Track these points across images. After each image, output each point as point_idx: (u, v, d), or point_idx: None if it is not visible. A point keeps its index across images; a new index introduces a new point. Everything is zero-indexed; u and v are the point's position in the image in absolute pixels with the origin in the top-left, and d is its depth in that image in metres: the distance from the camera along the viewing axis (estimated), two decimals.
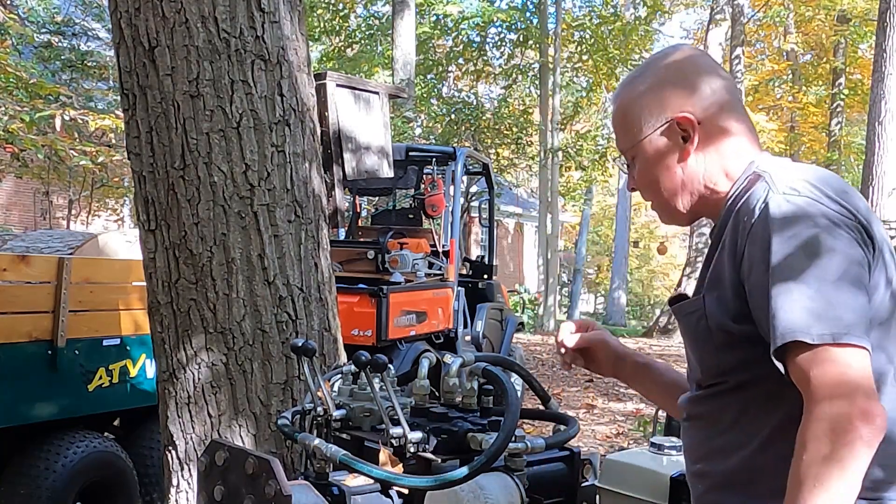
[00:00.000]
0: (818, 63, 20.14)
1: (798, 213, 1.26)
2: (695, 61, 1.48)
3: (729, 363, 1.37)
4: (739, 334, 1.33)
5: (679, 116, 1.43)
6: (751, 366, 1.33)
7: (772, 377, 1.28)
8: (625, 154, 1.52)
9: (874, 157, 8.56)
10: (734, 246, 1.33)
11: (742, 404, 1.37)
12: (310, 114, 2.89)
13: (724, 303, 1.34)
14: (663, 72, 1.47)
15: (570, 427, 1.67)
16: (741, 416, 1.37)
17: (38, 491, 3.77)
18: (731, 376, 1.37)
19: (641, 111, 1.46)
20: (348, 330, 5.02)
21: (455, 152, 7.03)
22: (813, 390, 1.20)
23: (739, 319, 1.32)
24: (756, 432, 1.35)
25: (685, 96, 1.44)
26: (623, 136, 1.51)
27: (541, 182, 19.78)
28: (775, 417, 1.33)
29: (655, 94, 1.45)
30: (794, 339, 1.21)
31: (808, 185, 1.30)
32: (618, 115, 1.52)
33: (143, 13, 2.66)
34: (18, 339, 3.76)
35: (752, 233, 1.30)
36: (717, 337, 1.36)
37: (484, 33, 19.90)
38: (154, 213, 2.75)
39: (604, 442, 6.96)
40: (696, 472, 1.47)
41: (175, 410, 2.77)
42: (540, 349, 13.57)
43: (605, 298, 31.71)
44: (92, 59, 12.41)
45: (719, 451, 1.40)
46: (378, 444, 1.56)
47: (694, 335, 1.42)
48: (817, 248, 1.24)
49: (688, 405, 1.49)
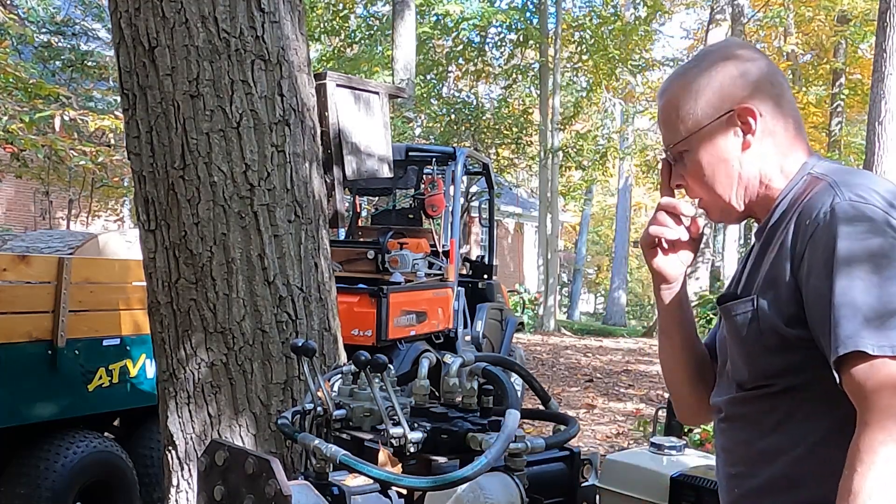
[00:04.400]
0: (818, 63, 20.14)
1: (865, 221, 1.24)
2: (751, 54, 1.45)
3: (779, 366, 1.34)
4: (792, 338, 1.30)
5: (741, 107, 1.39)
6: (801, 370, 1.31)
7: (822, 383, 1.26)
8: (674, 147, 1.47)
9: (874, 157, 8.55)
10: (793, 249, 1.30)
11: (789, 408, 1.34)
12: (310, 114, 2.88)
13: (779, 306, 1.32)
14: (721, 63, 1.43)
15: (570, 427, 1.67)
16: (787, 421, 1.35)
17: (38, 491, 3.77)
18: (780, 379, 1.34)
19: (698, 102, 1.42)
20: (348, 330, 5.03)
21: (455, 152, 7.03)
22: (870, 402, 1.18)
23: (793, 323, 1.30)
24: (801, 438, 1.33)
25: (745, 87, 1.41)
26: (675, 129, 1.45)
27: (541, 182, 19.78)
28: (822, 424, 1.31)
29: (714, 85, 1.42)
30: (856, 348, 1.19)
31: (875, 194, 1.27)
32: (669, 107, 1.46)
33: (143, 13, 2.66)
34: (18, 339, 3.76)
35: (814, 237, 1.27)
36: (769, 339, 1.33)
37: (484, 33, 19.90)
38: (154, 213, 2.74)
39: (604, 442, 6.96)
40: (733, 474, 1.43)
41: (175, 410, 2.77)
42: (540, 349, 13.57)
43: (605, 298, 31.71)
44: (92, 59, 12.40)
45: (760, 455, 1.37)
46: (378, 444, 1.56)
47: (743, 336, 1.38)
48: (883, 257, 1.22)
49: (727, 405, 1.45)
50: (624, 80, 21.37)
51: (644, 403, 8.79)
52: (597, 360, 12.52)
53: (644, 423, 6.73)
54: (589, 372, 11.19)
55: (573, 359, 12.58)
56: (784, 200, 1.39)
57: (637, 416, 7.84)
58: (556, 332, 17.99)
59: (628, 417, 8.03)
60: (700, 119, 1.42)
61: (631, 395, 9.38)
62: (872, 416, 1.17)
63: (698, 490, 1.96)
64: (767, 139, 1.41)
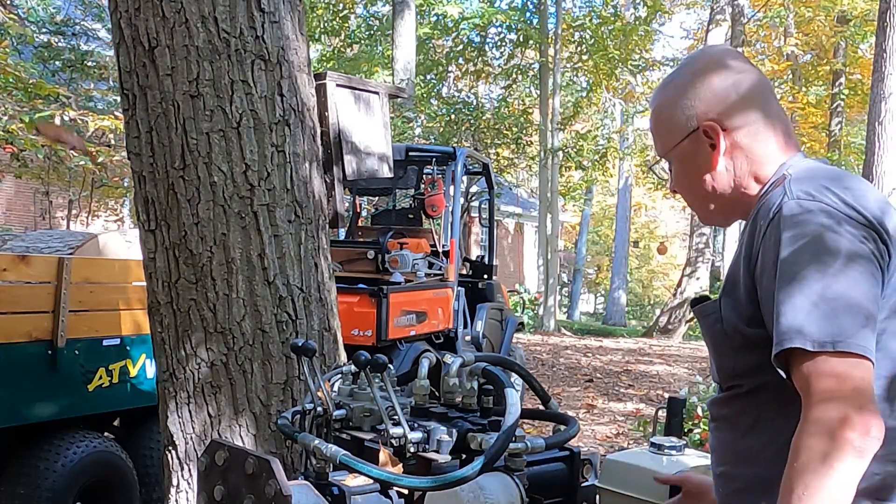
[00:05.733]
0: (818, 63, 20.13)
1: (805, 216, 1.26)
2: (723, 64, 1.46)
3: (744, 366, 1.37)
4: (753, 338, 1.32)
5: (705, 125, 1.43)
6: (764, 370, 1.32)
7: (785, 382, 1.27)
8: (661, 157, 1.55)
9: (874, 157, 8.55)
10: (750, 249, 1.33)
11: (757, 409, 1.37)
12: (310, 114, 2.88)
13: (739, 306, 1.34)
14: (690, 77, 1.46)
15: (570, 427, 1.67)
16: (757, 422, 1.37)
17: (38, 491, 3.77)
18: (746, 380, 1.37)
19: (671, 118, 1.47)
20: (348, 330, 5.02)
21: (455, 152, 7.03)
22: (809, 397, 1.19)
23: (753, 323, 1.32)
24: (772, 439, 1.34)
25: (712, 103, 1.43)
26: (658, 142, 1.52)
27: (541, 182, 19.77)
28: (790, 424, 1.30)
29: (683, 102, 1.45)
30: (793, 345, 1.20)
31: (821, 188, 1.29)
32: (653, 121, 1.53)
33: (143, 13, 2.66)
34: (18, 339, 3.76)
35: (765, 237, 1.30)
36: (733, 340, 1.36)
37: (484, 33, 19.89)
38: (154, 213, 2.75)
39: (604, 442, 6.95)
40: (719, 473, 1.46)
41: (175, 410, 2.77)
42: (540, 349, 13.56)
43: (605, 298, 31.71)
44: (92, 59, 12.40)
45: (740, 455, 1.40)
46: (378, 444, 1.56)
47: (712, 337, 1.42)
48: (821, 249, 1.23)
49: (712, 407, 1.49)
50: (624, 80, 21.35)
51: (644, 403, 8.78)
52: (597, 360, 12.52)
53: (644, 423, 6.73)
54: (589, 372, 11.19)
55: (573, 359, 12.58)
56: (759, 203, 1.40)
57: (637, 416, 7.84)
58: (556, 332, 17.98)
59: (628, 417, 8.03)
60: (674, 135, 1.47)
61: (631, 395, 9.38)
62: (811, 410, 1.19)
63: None
64: (738, 151, 1.43)
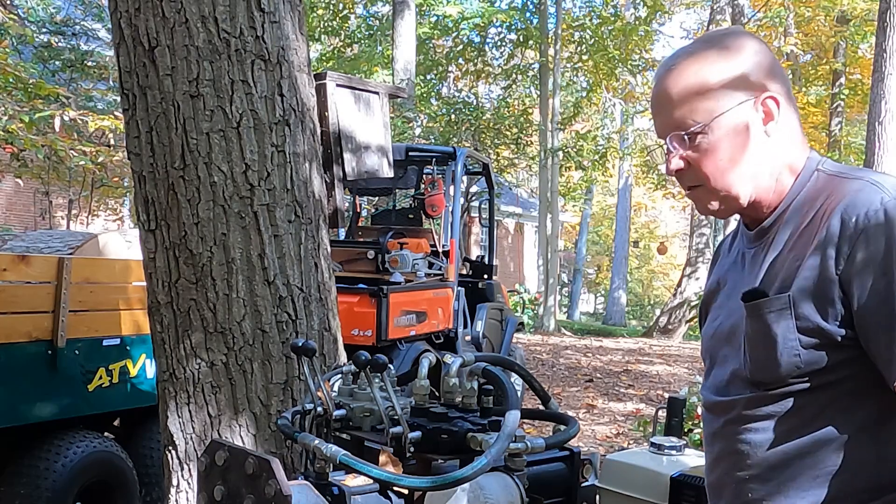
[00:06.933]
0: (818, 63, 20.13)
1: None
2: (764, 44, 1.41)
3: (815, 364, 1.29)
4: (835, 337, 1.27)
5: (768, 94, 1.35)
6: (838, 368, 1.28)
7: (856, 379, 1.24)
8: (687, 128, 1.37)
9: (874, 157, 8.56)
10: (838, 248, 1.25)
11: (819, 406, 1.30)
12: (310, 114, 2.88)
13: (821, 304, 1.27)
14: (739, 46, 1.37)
15: (570, 427, 1.67)
16: (816, 419, 1.30)
17: (38, 491, 3.77)
18: (815, 377, 1.30)
19: (721, 82, 1.34)
20: (348, 330, 5.02)
21: (455, 152, 7.03)
22: None
23: (837, 322, 1.26)
24: (832, 435, 1.29)
25: (766, 74, 1.36)
26: (693, 108, 1.35)
27: (541, 182, 19.77)
28: (855, 420, 1.28)
29: (737, 67, 1.35)
30: None
31: None
32: (682, 86, 1.36)
33: (143, 13, 2.66)
34: (18, 339, 3.76)
35: (866, 235, 1.23)
36: (808, 338, 1.29)
37: (484, 33, 19.89)
38: (154, 213, 2.75)
39: (604, 442, 6.96)
40: (747, 478, 1.38)
41: (175, 410, 2.77)
42: (540, 349, 13.56)
43: (605, 298, 31.71)
44: (92, 59, 12.41)
45: (783, 456, 1.33)
46: (378, 445, 1.56)
47: (773, 334, 1.32)
48: None
49: (741, 405, 1.39)
50: (624, 80, 21.35)
51: (644, 403, 8.78)
52: (597, 360, 12.52)
53: (644, 423, 6.73)
54: (589, 372, 11.19)
55: (573, 359, 12.58)
56: (798, 197, 1.36)
57: (637, 416, 7.84)
58: (556, 332, 17.98)
59: (628, 417, 8.03)
60: (723, 100, 1.35)
61: (631, 395, 9.38)
62: None
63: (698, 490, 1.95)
64: (784, 130, 1.37)
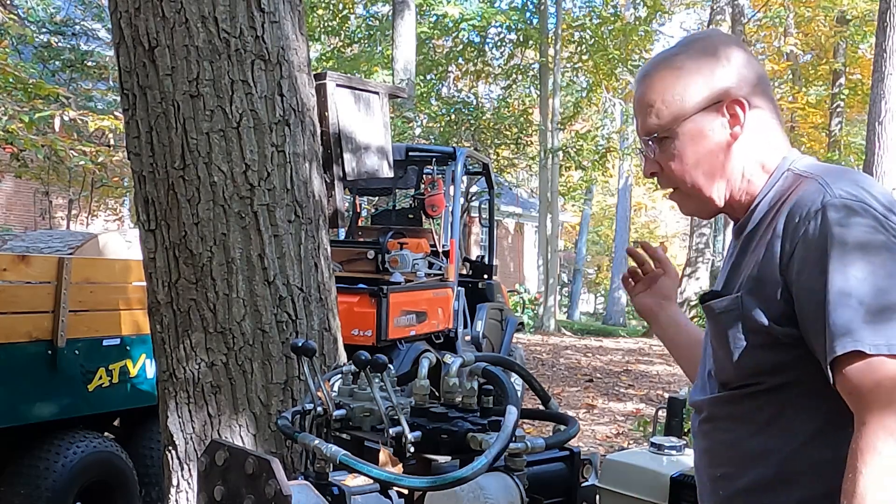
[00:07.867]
0: (818, 63, 20.14)
1: (856, 217, 1.23)
2: (738, 44, 1.42)
3: (767, 364, 1.31)
4: (781, 336, 1.28)
5: (733, 98, 1.36)
6: (789, 367, 1.29)
7: (810, 379, 1.25)
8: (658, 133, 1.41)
9: (874, 157, 8.57)
10: (782, 246, 1.28)
11: (777, 407, 1.32)
12: (310, 114, 2.88)
13: (767, 303, 1.29)
14: (710, 51, 1.39)
15: (570, 427, 1.67)
16: (776, 419, 1.32)
17: (38, 491, 3.77)
18: (769, 377, 1.32)
19: (687, 87, 1.38)
20: (348, 330, 5.02)
21: (455, 152, 7.03)
22: (868, 402, 1.17)
23: (782, 321, 1.28)
24: (791, 436, 1.30)
25: (734, 78, 1.37)
26: (659, 113, 1.40)
27: (541, 182, 19.78)
28: (812, 421, 1.29)
29: (703, 72, 1.38)
30: (853, 349, 1.17)
31: (867, 193, 1.26)
32: (654, 91, 1.41)
33: (143, 13, 2.66)
34: (18, 339, 3.76)
35: (805, 234, 1.25)
36: (756, 337, 1.31)
37: (484, 34, 19.90)
38: (154, 213, 2.75)
39: (604, 442, 6.96)
40: (718, 476, 1.40)
41: (175, 410, 2.77)
42: (540, 349, 13.57)
43: (605, 298, 31.70)
44: (92, 59, 12.41)
45: (749, 455, 1.35)
46: (378, 444, 1.55)
47: (726, 334, 1.35)
48: (876, 253, 1.20)
49: (709, 405, 1.42)
50: (624, 80, 21.34)
51: (644, 403, 8.79)
52: (597, 360, 12.52)
53: (644, 423, 6.73)
54: (589, 372, 11.19)
55: (573, 359, 12.58)
56: (766, 197, 1.38)
57: (637, 416, 7.84)
58: (556, 332, 17.98)
59: (628, 417, 8.04)
60: (688, 106, 1.38)
61: (631, 395, 9.38)
62: (871, 415, 1.16)
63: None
64: (752, 133, 1.38)
